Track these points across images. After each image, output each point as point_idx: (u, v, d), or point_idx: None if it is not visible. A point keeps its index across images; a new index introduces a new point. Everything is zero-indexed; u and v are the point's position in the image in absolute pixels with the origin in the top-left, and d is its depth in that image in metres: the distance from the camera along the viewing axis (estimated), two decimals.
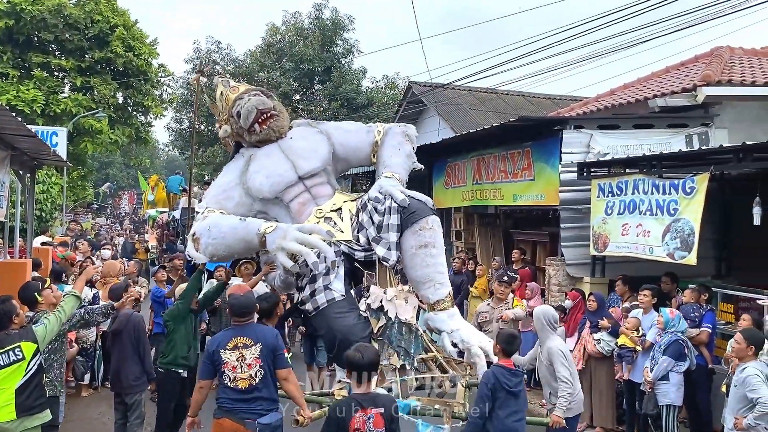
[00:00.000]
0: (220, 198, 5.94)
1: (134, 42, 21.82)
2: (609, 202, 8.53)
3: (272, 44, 27.35)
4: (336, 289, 5.22)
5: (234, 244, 5.41)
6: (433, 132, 17.72)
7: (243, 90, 6.31)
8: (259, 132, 6.08)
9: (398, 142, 6.13)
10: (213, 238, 5.41)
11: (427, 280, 5.35)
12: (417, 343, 5.35)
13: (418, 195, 5.49)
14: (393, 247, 5.25)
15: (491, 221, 13.18)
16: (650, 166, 8.03)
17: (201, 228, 5.56)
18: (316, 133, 6.25)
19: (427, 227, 5.30)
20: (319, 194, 5.93)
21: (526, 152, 10.09)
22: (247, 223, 5.36)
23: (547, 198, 9.57)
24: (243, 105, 6.09)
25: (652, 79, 12.96)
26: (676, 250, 7.38)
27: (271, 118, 6.08)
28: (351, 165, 6.65)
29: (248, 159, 6.10)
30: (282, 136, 6.15)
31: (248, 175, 5.95)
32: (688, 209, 7.28)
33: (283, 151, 6.02)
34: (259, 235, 5.17)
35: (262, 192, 5.87)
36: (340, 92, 25.89)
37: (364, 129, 6.38)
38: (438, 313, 5.39)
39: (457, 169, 12.50)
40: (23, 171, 10.28)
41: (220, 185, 6.14)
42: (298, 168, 5.90)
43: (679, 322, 6.60)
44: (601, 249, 8.64)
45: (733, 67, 11.05)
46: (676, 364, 6.42)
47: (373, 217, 5.36)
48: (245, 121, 6.07)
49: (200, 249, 5.51)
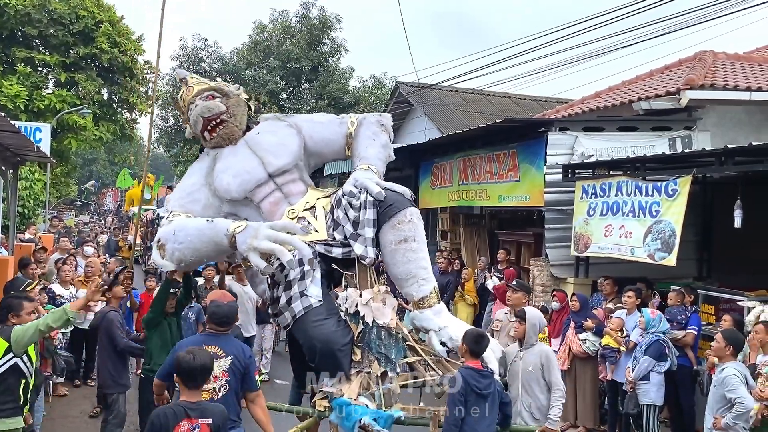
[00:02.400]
0: (186, 201, 5.49)
1: (120, 38, 21.68)
2: (592, 203, 8.60)
3: (259, 42, 27.28)
4: (312, 294, 4.81)
5: (202, 248, 4.95)
6: (420, 132, 17.77)
7: (196, 92, 5.81)
8: (209, 140, 5.70)
9: (373, 132, 5.76)
10: (179, 243, 4.95)
11: (410, 276, 5.02)
12: (398, 348, 4.93)
13: (395, 186, 5.15)
14: (370, 244, 4.94)
15: (477, 221, 13.24)
16: (634, 168, 8.11)
17: (166, 233, 5.10)
18: (284, 127, 5.82)
19: (405, 220, 4.97)
20: (291, 192, 5.53)
21: (511, 153, 10.15)
22: (214, 223, 4.91)
23: (532, 199, 9.64)
24: (192, 111, 5.70)
25: (636, 82, 13.09)
26: (657, 251, 7.46)
27: (220, 125, 5.62)
28: (325, 159, 6.26)
29: (214, 158, 5.69)
30: (235, 142, 5.69)
31: (214, 175, 5.54)
32: (670, 211, 7.37)
33: (251, 148, 5.61)
34: (229, 236, 4.71)
35: (230, 192, 5.47)
36: (327, 91, 25.87)
37: (336, 120, 5.97)
38: (423, 310, 5.05)
39: (443, 170, 12.53)
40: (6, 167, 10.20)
41: (184, 187, 5.68)
42: (268, 165, 5.49)
43: (660, 323, 6.68)
44: (582, 250, 8.71)
45: (717, 71, 11.17)
46: (656, 364, 6.49)
47: (349, 213, 5.04)
48: (195, 130, 5.75)
49: (166, 255, 5.05)
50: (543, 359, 5.28)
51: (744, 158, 6.88)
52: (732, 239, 7.82)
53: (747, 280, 7.68)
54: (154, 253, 5.30)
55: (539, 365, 5.27)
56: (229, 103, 5.70)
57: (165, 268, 5.27)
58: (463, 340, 4.72)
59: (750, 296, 7.04)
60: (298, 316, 4.77)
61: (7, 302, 4.85)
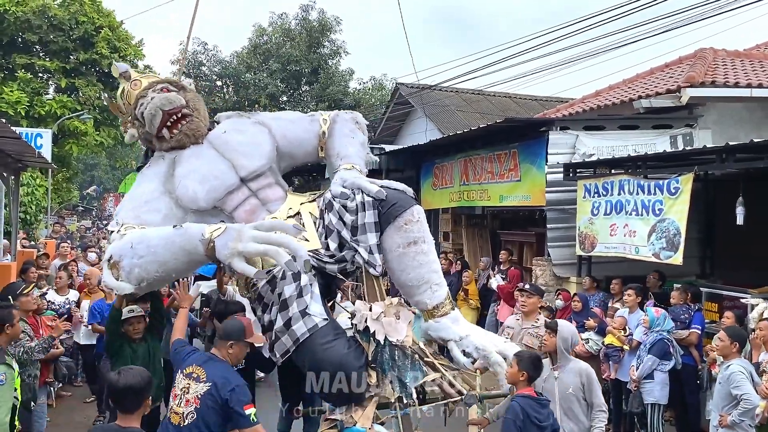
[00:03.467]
0: (142, 211, 4.62)
1: (119, 43, 21.70)
2: (595, 202, 8.60)
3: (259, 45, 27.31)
4: (316, 312, 4.14)
5: (170, 260, 4.08)
6: (421, 133, 17.77)
7: (146, 85, 5.03)
8: (168, 138, 4.88)
9: (350, 129, 5.22)
10: (140, 257, 4.10)
11: (422, 282, 4.49)
12: (415, 369, 4.23)
13: (393, 184, 4.64)
14: (375, 250, 4.37)
15: (479, 222, 13.24)
16: (635, 167, 8.11)
17: (120, 248, 4.22)
18: (253, 125, 5.13)
19: (413, 220, 4.44)
20: (268, 198, 4.82)
21: (512, 153, 10.14)
22: (185, 229, 4.09)
23: (534, 199, 9.63)
24: (146, 105, 4.86)
25: (637, 80, 13.08)
26: (662, 249, 7.45)
27: (183, 120, 4.87)
28: (295, 162, 5.44)
29: (172, 162, 4.87)
30: (199, 141, 4.94)
31: (175, 181, 4.74)
32: (674, 209, 7.36)
33: (216, 149, 4.87)
34: (205, 242, 3.92)
35: (197, 201, 4.67)
36: (327, 93, 25.89)
37: (306, 118, 5.38)
38: (439, 319, 4.53)
39: (444, 170, 12.53)
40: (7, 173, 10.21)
41: (139, 195, 4.80)
42: (239, 168, 4.78)
43: (665, 321, 6.66)
44: (588, 249, 8.70)
45: (717, 68, 11.17)
46: (660, 363, 6.48)
47: (345, 218, 4.42)
48: (150, 126, 4.86)
49: (122, 275, 4.18)
50: (584, 379, 4.68)
51: (745, 155, 6.87)
52: (734, 236, 7.82)
53: (750, 277, 7.65)
54: (105, 274, 4.37)
55: (579, 386, 4.66)
56: (188, 97, 5.01)
57: (121, 290, 4.32)
58: (520, 365, 4.19)
59: (753, 293, 7.02)
60: (302, 340, 4.07)
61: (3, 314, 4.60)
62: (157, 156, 5.05)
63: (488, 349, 4.48)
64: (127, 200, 4.93)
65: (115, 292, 4.45)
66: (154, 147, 5.09)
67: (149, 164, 5.08)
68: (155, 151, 5.11)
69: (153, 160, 5.07)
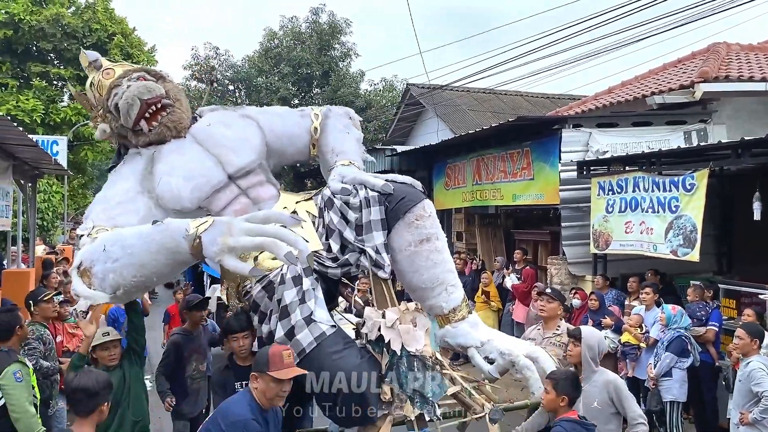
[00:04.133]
0: (116, 212, 4.09)
1: (132, 50, 21.88)
2: (609, 200, 8.56)
3: (270, 49, 27.39)
4: (322, 319, 3.70)
5: (149, 261, 3.53)
6: (432, 133, 17.77)
7: (120, 73, 4.53)
8: (147, 131, 4.36)
9: (344, 125, 4.83)
10: (114, 261, 3.56)
11: (437, 283, 4.09)
12: (437, 382, 3.74)
13: (399, 177, 4.25)
14: (382, 250, 3.97)
15: (492, 221, 13.22)
16: (649, 164, 8.06)
17: (91, 252, 3.69)
18: (240, 118, 4.69)
19: (425, 215, 4.05)
20: (260, 197, 4.39)
21: (525, 152, 10.12)
22: (166, 225, 3.55)
23: (547, 197, 9.60)
24: (121, 95, 4.33)
25: (649, 76, 13.00)
26: (679, 246, 7.41)
27: (163, 111, 4.37)
28: (285, 160, 4.99)
29: (150, 158, 4.38)
30: (181, 134, 4.44)
31: (155, 178, 4.26)
32: (690, 206, 7.32)
33: (200, 143, 4.40)
34: (190, 238, 3.38)
35: (181, 200, 4.20)
36: (338, 96, 25.92)
37: (295, 112, 4.96)
38: (457, 325, 4.13)
39: (456, 170, 12.52)
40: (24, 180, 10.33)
41: (112, 197, 4.25)
42: (227, 164, 4.33)
43: (682, 318, 6.62)
44: (603, 247, 8.66)
45: (731, 62, 11.08)
46: (679, 361, 6.44)
47: (348, 216, 4.02)
48: (126, 118, 4.31)
49: (95, 283, 3.63)
50: (612, 392, 4.23)
51: (761, 150, 6.81)
52: (752, 231, 7.75)
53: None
54: (75, 282, 3.77)
55: (608, 400, 4.21)
56: (168, 87, 4.52)
57: (95, 300, 3.72)
58: (558, 389, 3.77)
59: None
60: (308, 351, 3.60)
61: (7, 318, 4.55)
62: (132, 153, 4.51)
63: (514, 352, 4.09)
64: (98, 201, 4.30)
65: (89, 302, 3.76)
66: (130, 143, 4.53)
67: (123, 162, 4.52)
68: (129, 148, 4.58)
69: (128, 157, 4.52)
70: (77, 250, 4.02)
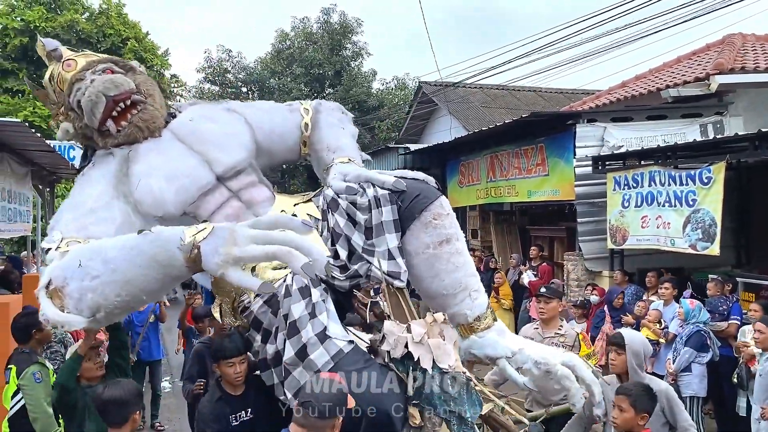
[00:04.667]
0: (89, 221, 3.50)
1: (146, 54, 22.05)
2: (625, 194, 8.50)
3: (282, 50, 27.50)
4: (337, 335, 3.28)
5: (137, 276, 2.96)
6: (445, 131, 17.74)
7: (83, 65, 3.95)
8: (115, 132, 3.79)
9: (338, 119, 4.41)
10: (93, 278, 2.99)
11: (460, 289, 3.64)
12: (472, 400, 3.34)
13: (408, 173, 3.79)
14: (397, 255, 3.53)
15: (507, 218, 13.18)
16: (665, 157, 8.01)
17: (63, 268, 3.09)
18: (225, 112, 4.17)
19: (443, 213, 3.63)
20: (254, 200, 3.87)
21: (539, 148, 10.09)
22: (156, 234, 2.97)
23: (562, 193, 9.56)
24: (84, 91, 3.79)
25: (664, 69, 12.89)
26: (698, 241, 7.36)
27: (133, 108, 3.81)
28: (273, 160, 4.43)
29: (125, 158, 3.83)
30: (156, 133, 3.88)
31: (132, 181, 3.71)
32: (707, 199, 7.26)
33: (182, 140, 3.87)
34: (186, 249, 2.84)
35: (164, 205, 3.65)
36: (350, 95, 25.97)
37: (283, 107, 4.46)
38: (483, 334, 3.71)
39: (470, 168, 12.50)
40: (42, 185, 10.46)
41: (82, 203, 3.63)
42: (214, 163, 3.79)
43: (700, 313, 6.56)
44: (620, 242, 8.61)
45: (746, 54, 10.96)
46: (698, 355, 6.38)
47: (357, 217, 3.56)
48: (91, 118, 3.77)
49: (69, 304, 3.02)
50: (663, 401, 3.86)
51: None
52: None
53: None
54: (43, 305, 3.11)
55: (659, 411, 3.81)
56: (139, 80, 3.96)
57: (70, 326, 3.11)
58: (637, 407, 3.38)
59: None
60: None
61: (25, 321, 4.55)
62: (102, 154, 3.92)
63: (550, 361, 3.66)
64: (66, 209, 3.65)
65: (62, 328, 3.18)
66: (97, 145, 3.95)
67: (93, 164, 3.91)
68: (97, 149, 3.98)
69: (98, 158, 3.93)
70: (43, 267, 3.36)
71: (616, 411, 3.44)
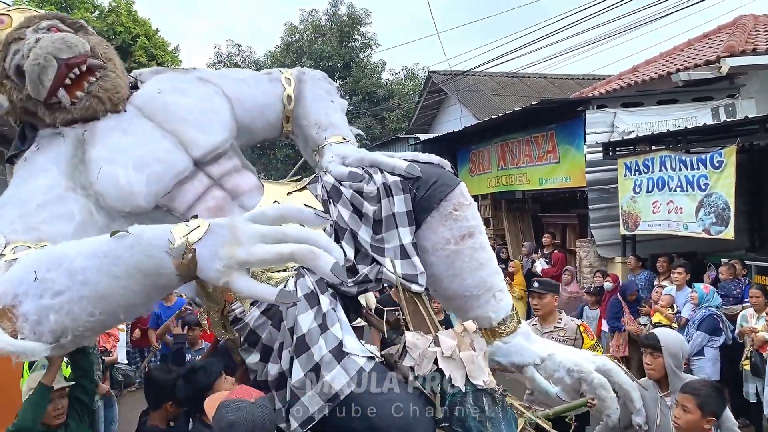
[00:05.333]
0: (37, 220, 2.69)
1: (156, 51, 22.22)
2: (636, 180, 8.49)
3: (291, 44, 27.56)
4: (355, 349, 2.73)
5: (115, 291, 2.26)
6: (456, 120, 17.74)
7: (21, 21, 3.09)
8: (69, 105, 2.94)
9: (326, 90, 3.71)
10: (56, 293, 2.26)
11: (484, 289, 3.15)
12: (508, 418, 2.86)
13: (421, 156, 3.20)
14: (413, 253, 2.98)
15: (519, 206, 13.19)
16: (676, 142, 7.98)
17: (13, 282, 2.30)
18: (198, 83, 3.32)
19: (465, 203, 3.07)
20: (239, 188, 3.14)
21: (550, 135, 10.07)
22: (136, 236, 2.26)
23: (574, 180, 9.56)
24: (27, 53, 2.89)
25: (674, 53, 12.79)
26: (712, 225, 7.34)
27: (90, 75, 2.97)
28: (252, 138, 3.62)
29: (79, 140, 2.99)
30: (119, 107, 3.06)
31: (91, 169, 2.90)
32: (720, 183, 7.24)
33: (150, 117, 3.09)
34: (178, 252, 2.19)
35: (134, 198, 2.87)
36: (360, 87, 26.00)
37: (262, 77, 3.67)
38: (508, 339, 3.25)
39: (481, 156, 12.51)
40: None
41: (28, 197, 2.78)
42: (190, 145, 3.04)
43: (713, 297, 6.57)
44: (632, 228, 8.61)
45: (758, 35, 10.85)
46: (711, 339, 6.39)
47: (362, 208, 2.99)
48: (37, 86, 2.87)
49: (24, 328, 2.27)
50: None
51: None
52: None
53: None
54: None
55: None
56: (92, 42, 3.09)
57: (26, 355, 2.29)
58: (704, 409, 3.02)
59: None
60: (344, 396, 2.63)
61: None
62: (48, 134, 3.04)
63: (584, 368, 3.27)
64: (5, 205, 2.79)
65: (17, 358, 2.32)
66: (42, 121, 3.08)
67: (37, 147, 3.01)
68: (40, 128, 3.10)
69: (42, 140, 3.03)
70: None
71: (679, 411, 3.07)
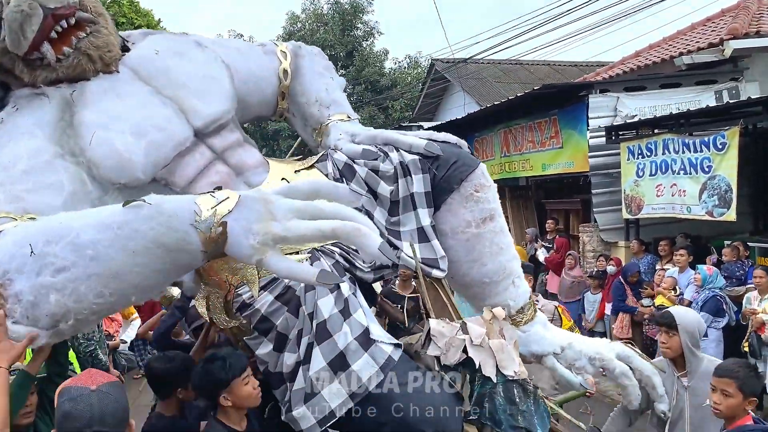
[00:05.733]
0: (21, 189, 2.34)
1: None
2: (639, 164, 8.49)
3: (293, 33, 27.50)
4: (382, 337, 2.52)
5: (129, 270, 1.99)
6: (459, 108, 17.70)
7: None
8: (54, 62, 2.56)
9: (324, 66, 3.48)
10: (58, 270, 1.96)
11: (504, 275, 3.02)
12: (540, 412, 2.65)
13: (437, 134, 3.08)
14: (433, 236, 2.86)
15: (523, 193, 13.19)
16: (679, 125, 7.97)
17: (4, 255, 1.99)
18: (196, 48, 2.97)
19: (486, 184, 2.98)
20: (245, 164, 2.83)
21: (552, 120, 10.07)
22: (156, 206, 1.99)
23: (577, 165, 9.56)
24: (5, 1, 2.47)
25: (677, 37, 12.73)
26: (715, 207, 7.35)
27: (79, 30, 2.60)
28: (247, 114, 3.25)
29: (66, 101, 2.61)
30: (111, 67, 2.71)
31: (82, 134, 2.53)
32: (723, 165, 7.24)
33: (146, 81, 2.75)
34: (205, 227, 1.95)
35: (132, 168, 2.52)
36: (363, 75, 25.95)
37: (257, 48, 3.35)
38: (527, 328, 3.13)
39: (484, 143, 12.51)
40: None
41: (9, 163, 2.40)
42: (191, 114, 2.72)
43: (717, 279, 6.59)
44: (635, 212, 8.62)
45: (762, 17, 10.80)
46: (714, 320, 6.42)
47: (378, 188, 2.81)
48: (17, 39, 2.47)
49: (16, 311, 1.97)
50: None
51: None
52: None
53: None
54: None
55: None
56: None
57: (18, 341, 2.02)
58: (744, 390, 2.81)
59: None
60: (373, 387, 2.39)
61: None
62: (27, 94, 2.64)
63: (605, 355, 3.18)
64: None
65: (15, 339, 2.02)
66: (19, 81, 2.67)
67: (16, 108, 2.61)
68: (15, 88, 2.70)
69: (21, 101, 2.63)
70: None
71: (719, 396, 2.86)
